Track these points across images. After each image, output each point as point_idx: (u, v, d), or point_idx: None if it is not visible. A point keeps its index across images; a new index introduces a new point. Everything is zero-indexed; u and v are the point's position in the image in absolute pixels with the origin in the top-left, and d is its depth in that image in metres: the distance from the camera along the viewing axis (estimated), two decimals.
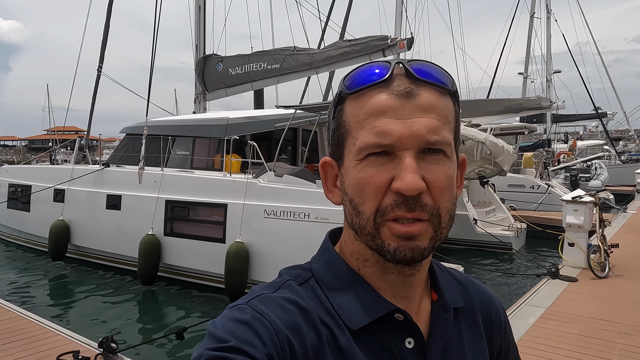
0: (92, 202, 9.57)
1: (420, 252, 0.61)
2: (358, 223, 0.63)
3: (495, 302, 0.81)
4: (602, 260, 6.68)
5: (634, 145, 34.66)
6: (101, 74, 11.67)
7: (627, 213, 12.83)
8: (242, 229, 7.49)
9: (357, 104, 0.63)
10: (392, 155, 0.60)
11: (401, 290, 0.67)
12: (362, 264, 0.67)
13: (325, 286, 0.67)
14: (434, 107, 0.61)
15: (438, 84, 0.62)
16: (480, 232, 10.60)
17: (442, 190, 0.61)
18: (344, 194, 0.66)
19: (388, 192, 0.60)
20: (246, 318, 0.59)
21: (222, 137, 8.82)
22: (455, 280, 0.78)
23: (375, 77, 0.62)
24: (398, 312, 0.65)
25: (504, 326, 0.81)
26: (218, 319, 0.61)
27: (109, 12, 11.82)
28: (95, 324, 6.64)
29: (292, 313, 0.61)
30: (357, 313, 0.64)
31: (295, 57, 10.51)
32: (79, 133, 45.78)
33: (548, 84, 27.82)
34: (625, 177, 22.31)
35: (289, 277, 0.68)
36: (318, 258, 0.72)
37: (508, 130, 17.64)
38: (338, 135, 0.66)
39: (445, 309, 0.70)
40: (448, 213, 0.62)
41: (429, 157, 0.60)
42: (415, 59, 0.64)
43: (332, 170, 0.69)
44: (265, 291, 0.64)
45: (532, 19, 28.83)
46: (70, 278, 9.11)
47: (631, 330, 4.66)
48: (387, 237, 0.61)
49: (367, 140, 0.60)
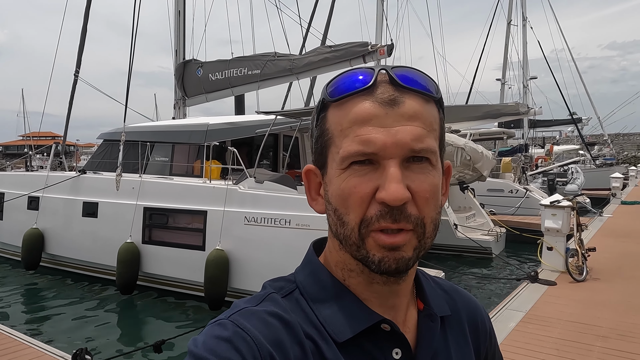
0: (68, 209, 9.35)
1: (405, 263, 0.60)
2: (342, 233, 0.62)
3: (480, 311, 0.81)
4: (580, 264, 6.77)
5: (608, 149, 35.50)
6: (78, 78, 11.49)
7: (603, 217, 13.07)
8: (222, 236, 7.40)
9: (340, 112, 0.62)
10: (376, 165, 0.59)
11: (387, 300, 0.66)
12: (347, 274, 0.66)
13: (310, 298, 0.66)
14: (418, 115, 0.60)
15: (422, 91, 0.61)
16: (460, 237, 10.68)
17: (427, 200, 0.60)
18: (327, 203, 0.65)
19: (372, 203, 0.59)
20: (227, 335, 0.57)
21: (202, 143, 8.73)
22: (441, 288, 0.78)
23: (358, 85, 0.60)
24: (384, 323, 0.64)
25: (489, 335, 0.81)
26: (199, 336, 0.59)
27: (87, 15, 11.65)
28: (71, 335, 6.45)
29: (275, 327, 0.60)
30: (343, 325, 0.63)
31: (275, 63, 10.49)
32: (56, 139, 44.97)
33: (525, 90, 28.36)
34: (600, 181, 22.82)
35: (273, 289, 0.67)
36: (302, 269, 0.70)
37: (487, 135, 17.90)
38: (321, 143, 0.65)
39: (432, 318, 0.70)
40: (432, 222, 0.61)
41: (413, 165, 0.59)
42: (399, 65, 0.62)
43: (316, 178, 0.68)
44: (247, 305, 0.63)
45: (509, 26, 29.42)
46: (44, 288, 8.86)
47: (609, 333, 4.72)
48: (372, 248, 0.60)
49: (350, 149, 0.59)
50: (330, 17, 16.82)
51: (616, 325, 4.94)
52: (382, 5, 17.80)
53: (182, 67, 11.96)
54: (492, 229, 11.50)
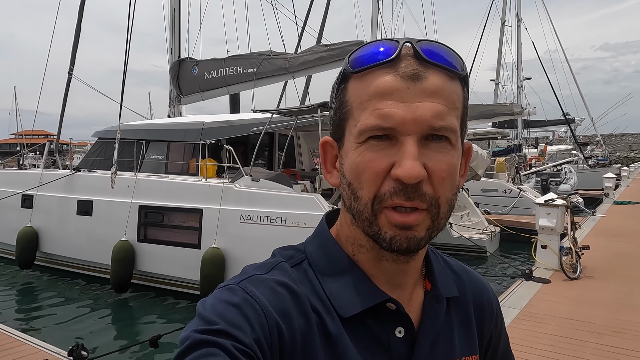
0: (62, 208, 9.31)
1: (417, 242, 0.59)
2: (356, 208, 0.61)
3: (488, 292, 0.80)
4: (574, 262, 6.83)
5: (601, 150, 35.78)
6: (72, 76, 11.43)
7: (596, 216, 13.18)
8: (218, 235, 7.40)
9: (360, 84, 0.60)
10: (394, 140, 0.58)
11: (395, 278, 0.66)
12: (357, 250, 0.66)
13: (318, 270, 0.65)
14: (440, 92, 0.58)
15: (447, 66, 0.59)
16: (455, 236, 10.73)
17: (443, 180, 0.58)
18: (342, 176, 0.64)
19: (387, 179, 0.58)
20: (236, 300, 0.57)
21: (197, 142, 8.71)
22: (450, 268, 0.77)
23: (381, 57, 0.59)
24: (390, 302, 0.64)
25: (495, 316, 0.80)
26: (208, 298, 0.59)
27: (81, 13, 11.58)
28: (66, 332, 6.43)
29: (284, 297, 0.60)
30: (349, 301, 0.63)
31: (271, 62, 10.49)
32: (49, 137, 44.65)
33: (519, 90, 28.52)
34: (592, 181, 22.97)
35: (282, 258, 0.66)
36: (312, 240, 0.70)
37: (481, 135, 17.96)
38: (340, 115, 0.63)
39: (438, 300, 0.69)
40: (448, 203, 0.60)
41: (432, 144, 0.58)
42: (425, 39, 0.61)
43: (332, 150, 0.67)
44: (257, 272, 0.62)
45: (503, 27, 29.58)
46: (39, 286, 8.82)
47: (602, 330, 4.77)
48: (384, 225, 0.59)
49: (367, 123, 0.58)
50: (326, 16, 16.87)
51: (610, 322, 4.99)
52: (377, 5, 17.87)
53: (178, 65, 11.93)
54: (486, 228, 11.56)
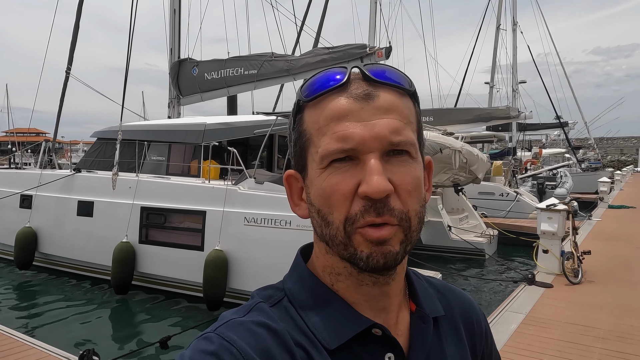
0: (62, 208, 9.25)
1: (393, 257, 0.59)
2: (328, 234, 0.61)
3: (476, 310, 0.80)
4: (576, 266, 6.89)
5: (593, 153, 36.09)
6: (70, 75, 11.36)
7: (592, 220, 13.29)
8: (221, 237, 7.38)
9: (316, 111, 0.61)
10: (356, 160, 0.58)
11: (378, 302, 0.65)
12: (335, 279, 0.65)
13: (298, 305, 0.65)
14: (394, 108, 0.60)
15: (396, 84, 0.61)
16: (454, 239, 10.80)
17: (409, 193, 0.59)
18: (310, 205, 0.64)
19: (356, 199, 0.58)
20: (213, 348, 0.56)
21: (199, 143, 8.70)
22: (434, 288, 0.77)
23: (332, 82, 0.61)
24: (375, 327, 0.63)
25: (485, 333, 0.80)
26: (186, 351, 0.58)
27: (79, 12, 11.51)
28: (69, 335, 6.38)
29: (263, 337, 0.58)
30: (333, 332, 0.62)
31: (272, 64, 10.49)
32: (40, 135, 44.12)
33: (514, 93, 28.69)
34: (586, 184, 23.19)
35: (261, 298, 0.66)
36: (290, 276, 0.69)
37: (478, 139, 18.08)
38: (300, 145, 0.64)
39: (424, 320, 0.68)
40: (417, 216, 0.61)
41: (393, 159, 0.59)
42: (372, 63, 0.66)
43: (297, 183, 0.67)
44: (234, 316, 0.62)
45: (498, 31, 29.74)
46: (38, 288, 8.75)
47: (608, 335, 4.82)
48: (360, 244, 0.59)
49: (329, 147, 0.59)
50: (324, 17, 16.87)
51: (614, 327, 5.05)
52: (375, 6, 17.93)
53: (178, 65, 11.89)
54: (484, 231, 11.64)
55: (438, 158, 8.57)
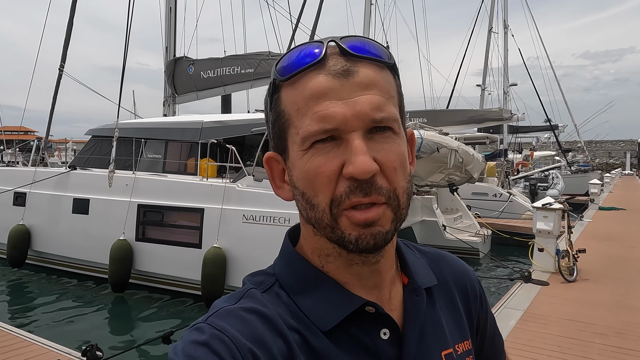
0: (57, 206, 9.17)
1: (383, 237, 0.58)
2: (314, 217, 0.59)
3: (469, 275, 0.79)
4: (571, 265, 6.97)
5: (582, 156, 36.53)
6: (63, 73, 11.27)
7: (584, 221, 13.45)
8: (219, 234, 7.37)
9: (293, 91, 0.59)
10: (339, 140, 0.57)
11: (368, 281, 0.64)
12: (324, 260, 0.64)
13: (289, 290, 0.64)
14: (374, 83, 0.58)
15: (375, 57, 0.59)
16: (449, 238, 10.86)
17: (395, 170, 0.58)
18: (294, 188, 0.62)
19: (340, 180, 0.57)
20: (204, 338, 0.55)
21: (196, 141, 8.67)
22: (426, 257, 0.76)
23: (309, 60, 0.58)
24: (368, 305, 0.62)
25: (479, 297, 0.79)
26: (178, 343, 0.57)
27: (73, 10, 11.43)
28: (68, 332, 6.34)
29: (254, 323, 0.58)
30: (326, 313, 0.61)
31: (269, 62, 10.50)
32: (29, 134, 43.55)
33: (505, 96, 28.95)
34: (575, 186, 23.43)
35: (252, 284, 0.65)
36: (279, 261, 0.68)
37: (471, 140, 18.21)
38: (279, 126, 0.62)
39: (416, 292, 0.68)
40: (405, 192, 0.60)
41: (376, 136, 0.58)
42: (348, 35, 0.61)
43: (278, 165, 0.65)
44: (225, 304, 0.61)
45: (490, 34, 30.01)
46: (32, 286, 8.67)
47: (606, 331, 4.89)
48: (347, 227, 0.57)
49: (310, 129, 0.57)
50: (319, 15, 16.90)
51: (612, 323, 5.12)
52: (369, 6, 18.02)
53: (173, 64, 11.87)
54: (478, 230, 11.73)
55: (435, 157, 8.63)
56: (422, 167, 8.97)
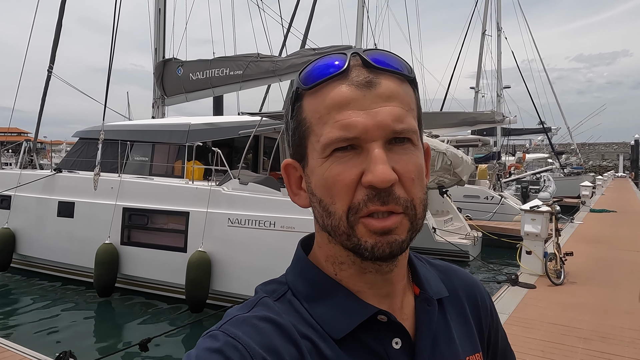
0: (42, 209, 9.07)
1: (399, 246, 0.59)
2: (330, 224, 0.60)
3: (479, 288, 0.80)
4: (558, 267, 6.95)
5: (575, 158, 36.67)
6: (52, 74, 11.17)
7: (574, 223, 13.46)
8: (204, 238, 7.29)
9: (316, 99, 0.61)
10: (359, 149, 0.58)
11: (381, 289, 0.65)
12: (338, 268, 0.65)
13: (302, 298, 0.65)
14: (395, 95, 0.59)
15: (397, 71, 0.61)
16: (439, 241, 10.83)
17: (413, 181, 0.59)
18: (311, 195, 0.63)
19: (359, 188, 0.58)
20: (218, 345, 0.56)
21: (183, 143, 8.60)
22: (436, 269, 0.77)
23: (332, 70, 0.60)
24: (381, 314, 0.63)
25: (490, 311, 0.80)
26: (193, 350, 0.57)
27: (62, 10, 11.34)
28: (48, 338, 6.24)
29: (267, 332, 0.58)
30: (339, 321, 0.62)
31: (258, 64, 10.43)
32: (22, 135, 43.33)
33: (499, 98, 29.01)
34: (568, 189, 23.51)
35: (265, 293, 0.65)
36: (292, 269, 0.69)
37: (463, 142, 18.22)
38: (299, 134, 0.63)
39: (428, 302, 0.69)
40: (422, 203, 0.61)
41: (396, 147, 0.59)
42: (371, 49, 0.62)
43: (296, 172, 0.66)
44: (239, 312, 0.62)
45: (484, 36, 30.09)
46: (16, 290, 8.56)
47: (590, 335, 4.85)
48: (363, 235, 0.58)
49: (331, 136, 0.58)
50: (311, 19, 16.88)
51: (596, 327, 5.09)
52: (362, 10, 18.00)
53: (162, 65, 11.77)
54: (469, 233, 11.70)
55: None
56: None
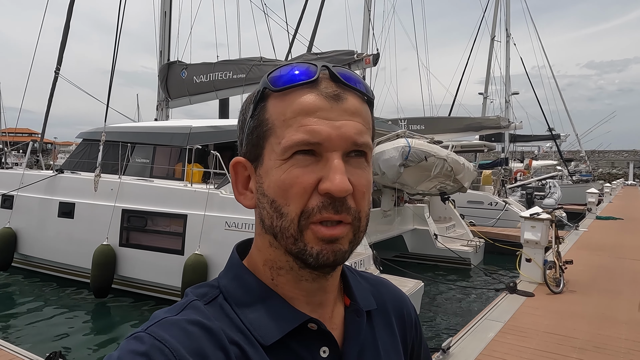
0: (43, 209, 9.13)
1: (342, 255, 0.61)
2: (280, 225, 0.61)
3: (407, 302, 0.83)
4: (557, 276, 6.87)
5: (584, 166, 36.29)
6: (59, 76, 11.27)
7: (579, 230, 13.31)
8: (201, 241, 7.30)
9: (282, 102, 0.61)
10: (319, 157, 0.59)
11: (315, 297, 0.66)
12: (275, 273, 0.65)
13: (234, 302, 0.64)
14: (359, 112, 0.62)
15: (362, 90, 0.64)
16: (440, 247, 10.75)
17: (363, 195, 0.62)
18: (261, 196, 0.63)
19: (314, 194, 0.59)
20: (144, 349, 0.54)
21: (184, 146, 8.62)
22: (367, 282, 0.79)
23: (303, 77, 0.61)
24: (311, 322, 0.63)
25: (414, 325, 0.82)
26: (115, 351, 0.56)
27: (70, 12, 11.45)
28: (44, 338, 6.25)
29: (196, 336, 0.57)
30: (269, 328, 0.62)
31: (261, 68, 10.46)
32: (33, 135, 43.82)
33: (507, 104, 28.82)
34: (576, 196, 23.28)
35: (195, 296, 0.64)
36: (226, 273, 0.69)
37: (468, 148, 18.13)
38: (258, 133, 0.63)
39: (358, 313, 0.70)
40: (366, 217, 0.63)
41: (352, 160, 0.61)
42: (337, 65, 0.64)
43: (245, 171, 0.67)
44: (167, 315, 0.60)
45: (493, 42, 29.93)
46: (16, 289, 8.61)
47: (584, 345, 4.78)
48: (310, 241, 0.60)
49: (295, 138, 0.59)
50: (317, 25, 16.90)
51: (592, 337, 5.01)
52: (368, 15, 17.99)
53: (167, 68, 11.85)
54: (471, 240, 11.61)
55: (423, 166, 8.54)
56: (410, 176, 8.87)
